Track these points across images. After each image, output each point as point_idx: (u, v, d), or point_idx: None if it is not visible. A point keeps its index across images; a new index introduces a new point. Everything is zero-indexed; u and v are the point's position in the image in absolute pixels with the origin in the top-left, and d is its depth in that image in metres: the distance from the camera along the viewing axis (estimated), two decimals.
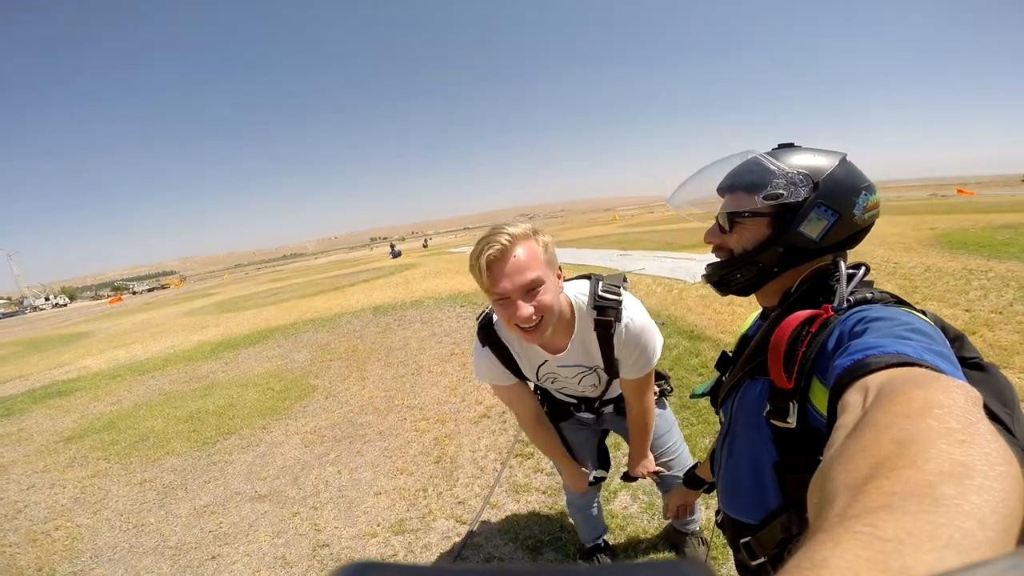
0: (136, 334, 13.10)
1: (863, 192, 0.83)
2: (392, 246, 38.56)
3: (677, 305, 6.50)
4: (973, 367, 0.70)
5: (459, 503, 2.84)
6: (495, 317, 1.44)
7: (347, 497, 3.08)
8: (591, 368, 1.48)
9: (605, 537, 2.25)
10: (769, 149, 0.92)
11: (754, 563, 0.92)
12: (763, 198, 0.85)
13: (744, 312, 5.68)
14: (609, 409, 1.79)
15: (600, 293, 1.36)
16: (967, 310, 4.85)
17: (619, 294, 1.36)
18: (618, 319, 1.35)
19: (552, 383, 1.59)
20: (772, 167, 0.85)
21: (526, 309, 1.15)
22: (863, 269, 0.84)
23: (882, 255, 8.32)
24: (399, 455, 3.54)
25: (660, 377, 1.79)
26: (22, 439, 5.19)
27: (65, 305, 76.42)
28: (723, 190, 0.95)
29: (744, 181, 0.89)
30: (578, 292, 1.39)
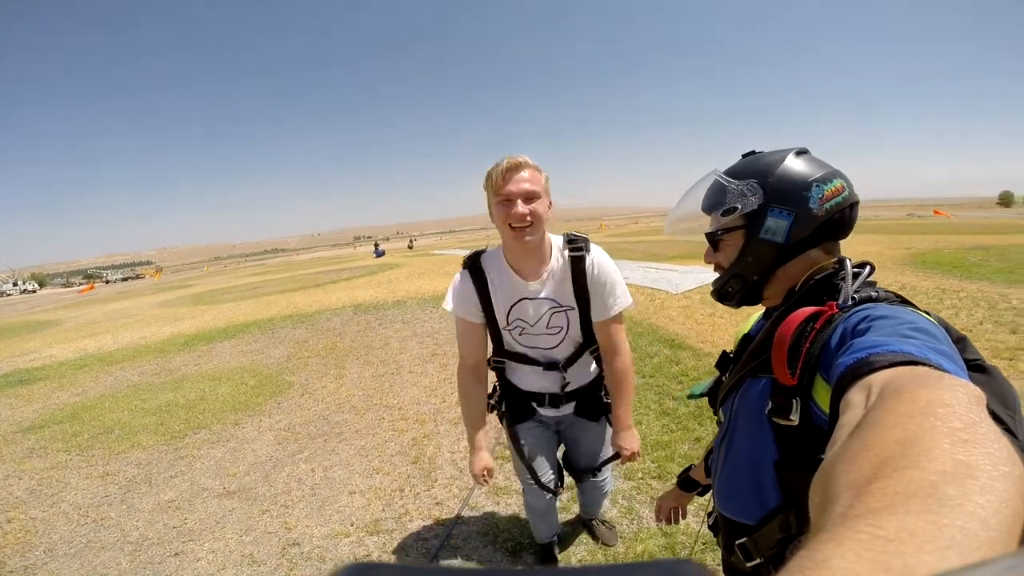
0: (107, 324, 12.74)
1: (814, 185, 0.84)
2: (376, 245, 38.28)
3: (659, 315, 6.54)
4: (975, 369, 0.69)
5: (437, 504, 2.78)
6: (483, 259, 1.63)
7: (320, 496, 2.99)
8: (561, 306, 1.60)
9: (559, 534, 2.30)
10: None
11: (749, 564, 0.91)
12: (721, 215, 0.90)
13: (725, 323, 5.74)
14: (570, 409, 1.81)
15: (571, 235, 1.62)
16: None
17: (586, 237, 1.62)
18: (587, 250, 1.57)
19: (520, 333, 1.65)
20: (724, 183, 0.91)
21: (523, 208, 1.41)
22: (868, 268, 0.84)
23: None
24: (376, 454, 3.47)
25: None
26: None
27: (34, 291, 74.33)
28: (704, 212, 1.00)
29: (711, 202, 0.95)
30: (554, 236, 1.62)
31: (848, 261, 0.84)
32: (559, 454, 2.03)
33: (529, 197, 1.42)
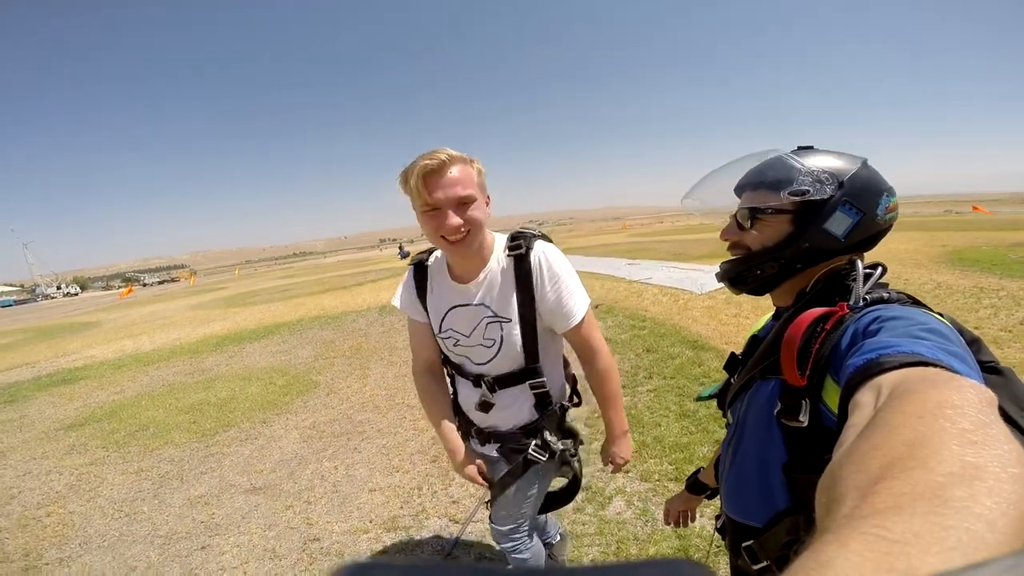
0: (144, 325, 13.22)
1: (885, 194, 0.84)
2: (401, 247, 38.68)
3: (683, 315, 6.46)
4: (990, 371, 0.68)
5: (453, 502, 2.82)
6: (431, 258, 1.50)
7: (341, 493, 3.06)
8: (498, 317, 1.39)
9: (562, 532, 2.21)
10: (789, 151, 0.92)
11: (755, 567, 0.90)
12: (789, 194, 0.85)
13: (750, 323, 5.64)
14: (493, 451, 1.56)
15: (516, 232, 1.42)
16: (976, 328, 4.79)
17: (534, 233, 1.42)
18: (530, 247, 1.36)
19: (454, 344, 1.46)
20: (798, 165, 0.86)
21: (455, 219, 1.21)
22: (880, 269, 0.83)
23: (893, 270, 8.17)
24: (396, 453, 3.52)
25: (567, 436, 1.57)
26: (23, 425, 5.22)
27: (76, 294, 77.48)
28: (742, 188, 0.95)
29: (768, 178, 0.89)
30: (498, 234, 1.45)
31: (859, 262, 0.82)
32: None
33: (462, 202, 1.22)
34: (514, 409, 1.49)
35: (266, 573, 2.40)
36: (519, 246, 1.36)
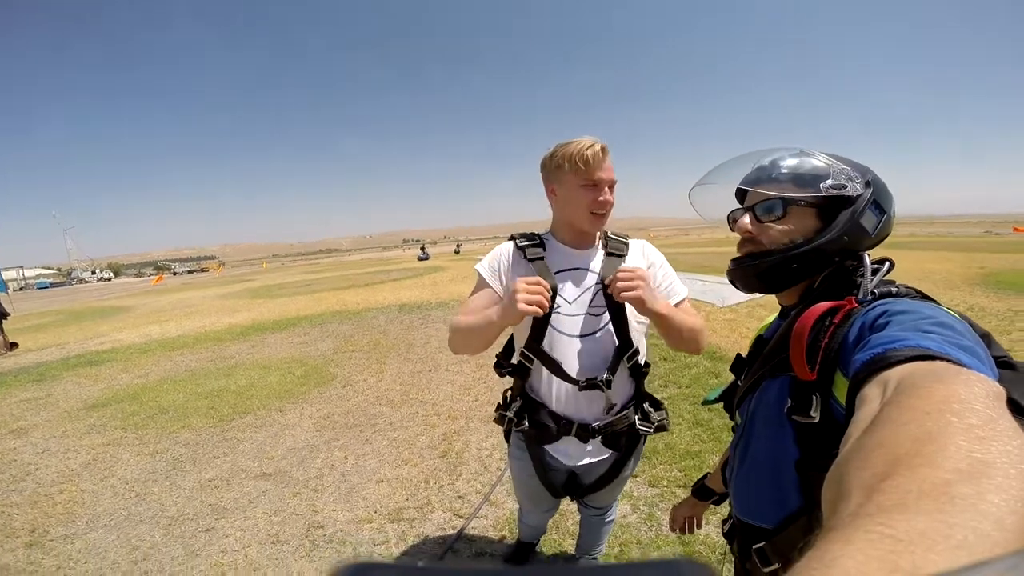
0: (172, 312, 13.59)
1: (892, 199, 0.86)
2: (422, 248, 38.81)
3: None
4: (1003, 366, 0.65)
5: (459, 497, 2.81)
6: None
7: (349, 482, 3.08)
8: (607, 285, 1.34)
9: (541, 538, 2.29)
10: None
11: (767, 570, 0.87)
12: (830, 187, 0.83)
13: None
14: (593, 446, 1.49)
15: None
16: (1009, 350, 4.62)
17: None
18: (631, 238, 1.55)
19: (555, 309, 1.38)
20: (827, 161, 0.85)
21: (611, 197, 1.38)
22: (887, 264, 0.82)
23: (925, 291, 8.00)
24: (406, 446, 3.54)
25: (658, 406, 1.55)
26: (48, 404, 5.35)
27: (110, 280, 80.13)
28: (756, 182, 0.90)
29: (802, 170, 0.86)
30: None
31: (867, 256, 0.81)
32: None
33: (611, 186, 1.39)
34: (623, 387, 1.49)
35: (267, 557, 2.41)
36: (624, 235, 1.55)
